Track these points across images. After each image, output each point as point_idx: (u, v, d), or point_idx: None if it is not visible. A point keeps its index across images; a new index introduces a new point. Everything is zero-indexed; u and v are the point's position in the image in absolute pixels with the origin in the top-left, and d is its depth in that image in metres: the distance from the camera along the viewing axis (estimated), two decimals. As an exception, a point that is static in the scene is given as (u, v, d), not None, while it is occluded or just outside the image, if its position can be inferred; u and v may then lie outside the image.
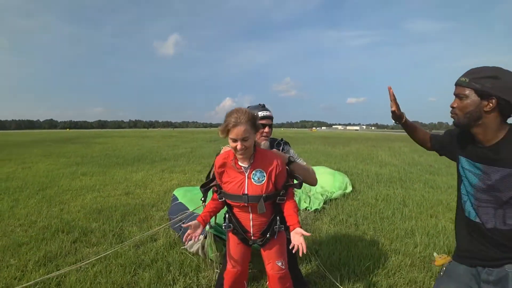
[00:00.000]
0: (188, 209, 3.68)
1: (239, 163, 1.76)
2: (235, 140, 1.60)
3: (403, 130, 1.71)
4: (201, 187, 1.96)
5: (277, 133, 54.20)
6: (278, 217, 1.84)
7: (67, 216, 4.56)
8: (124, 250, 3.36)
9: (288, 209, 1.79)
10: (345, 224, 4.20)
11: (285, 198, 1.80)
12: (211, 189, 1.96)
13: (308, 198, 5.39)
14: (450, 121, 1.41)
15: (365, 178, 7.66)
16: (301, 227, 1.70)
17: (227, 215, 1.94)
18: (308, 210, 4.85)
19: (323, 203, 5.14)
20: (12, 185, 6.76)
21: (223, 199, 1.87)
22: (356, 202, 5.34)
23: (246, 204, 1.76)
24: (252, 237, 1.89)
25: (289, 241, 1.70)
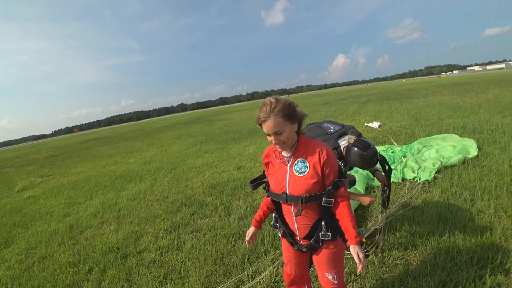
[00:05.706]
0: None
1: (282, 153, 1.65)
2: (268, 135, 1.52)
3: None
4: (251, 182, 1.85)
5: (395, 85, 47.65)
6: (323, 222, 1.60)
7: (190, 191, 5.53)
8: (230, 222, 3.90)
9: (341, 215, 1.56)
10: (458, 199, 3.56)
11: (332, 199, 1.55)
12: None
13: (418, 166, 4.79)
14: None
15: (500, 136, 6.01)
16: (358, 244, 1.47)
17: (273, 214, 1.80)
18: (416, 181, 4.34)
19: (436, 173, 4.49)
20: (152, 167, 8.58)
21: (270, 197, 1.72)
22: (479, 169, 4.36)
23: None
24: (300, 241, 1.72)
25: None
